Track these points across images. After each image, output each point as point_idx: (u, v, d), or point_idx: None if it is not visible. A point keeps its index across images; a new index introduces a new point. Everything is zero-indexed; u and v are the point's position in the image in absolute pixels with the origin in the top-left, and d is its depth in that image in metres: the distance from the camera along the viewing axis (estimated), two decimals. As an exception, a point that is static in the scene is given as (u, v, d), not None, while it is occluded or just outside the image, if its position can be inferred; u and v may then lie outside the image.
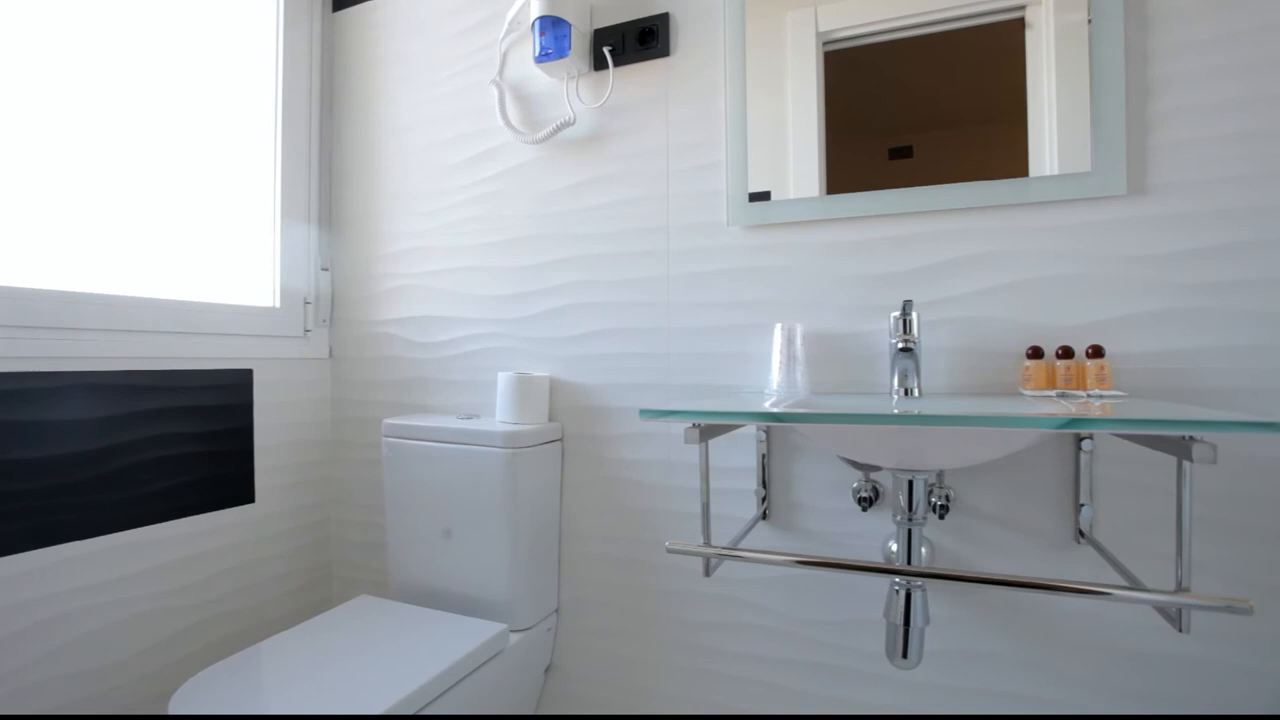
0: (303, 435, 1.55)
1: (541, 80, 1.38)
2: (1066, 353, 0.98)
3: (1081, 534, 1.01)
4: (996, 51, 1.06)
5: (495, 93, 1.40)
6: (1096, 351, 0.96)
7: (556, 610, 1.36)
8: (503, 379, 1.31)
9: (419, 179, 1.52)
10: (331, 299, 1.62)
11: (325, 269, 1.61)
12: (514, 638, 1.23)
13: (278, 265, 1.50)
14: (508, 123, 1.38)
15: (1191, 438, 0.70)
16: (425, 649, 1.09)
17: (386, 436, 1.36)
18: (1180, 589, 0.73)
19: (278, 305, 1.50)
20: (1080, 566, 1.02)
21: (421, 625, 1.18)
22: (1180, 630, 0.74)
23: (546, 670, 1.37)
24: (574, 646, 1.35)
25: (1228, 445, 0.95)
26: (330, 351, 1.62)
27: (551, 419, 1.36)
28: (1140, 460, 0.99)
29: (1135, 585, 0.81)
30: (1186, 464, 0.71)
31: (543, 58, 1.28)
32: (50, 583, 1.11)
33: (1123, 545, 1.00)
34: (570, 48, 1.27)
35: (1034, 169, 1.04)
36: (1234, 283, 0.95)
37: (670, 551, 0.88)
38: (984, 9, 1.06)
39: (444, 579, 1.30)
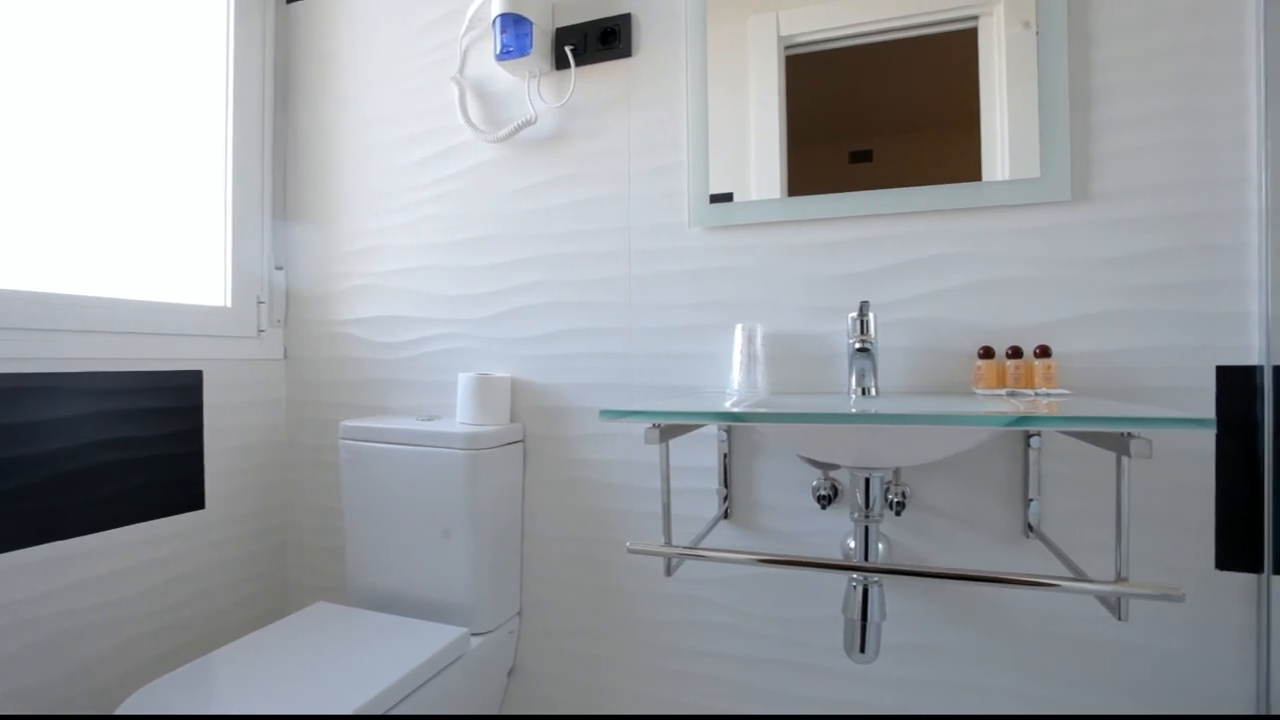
0: (256, 438, 1.50)
1: (503, 78, 1.37)
2: (1016, 353, 1.01)
3: (1030, 528, 1.04)
4: (951, 59, 1.08)
5: (456, 90, 1.38)
6: (1044, 351, 0.99)
7: (519, 612, 1.35)
8: (463, 380, 1.30)
9: (378, 176, 1.49)
10: (286, 298, 1.58)
11: (280, 267, 1.56)
12: (475, 641, 1.22)
13: (229, 263, 1.45)
14: (468, 121, 1.37)
15: (1129, 434, 0.72)
16: (384, 655, 1.07)
17: (344, 439, 1.33)
18: (1119, 579, 0.76)
19: (229, 304, 1.45)
20: (1029, 559, 1.05)
21: (380, 631, 1.16)
22: (1120, 619, 0.77)
23: (509, 673, 1.36)
24: (537, 648, 1.35)
25: (1162, 441, 0.99)
26: (285, 352, 1.58)
27: (513, 420, 1.35)
28: (1084, 456, 1.03)
29: (1079, 576, 0.84)
30: (1125, 459, 0.74)
31: (504, 55, 1.27)
32: (-18, 595, 1.05)
33: (1068, 538, 1.04)
34: (532, 46, 1.26)
35: (987, 174, 1.07)
36: (1168, 286, 1.00)
37: (631, 552, 0.88)
38: (938, 18, 1.09)
39: (404, 583, 1.28)
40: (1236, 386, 0.97)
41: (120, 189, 1.29)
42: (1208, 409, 0.98)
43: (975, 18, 1.08)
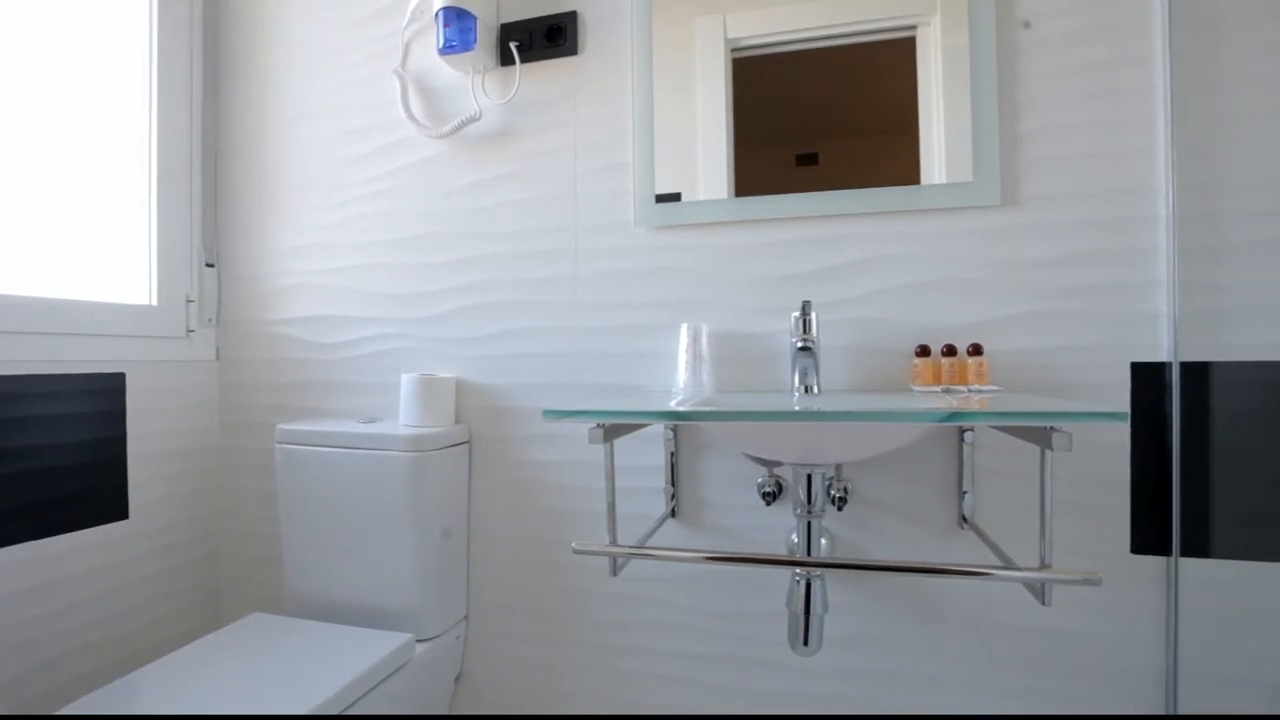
0: (185, 444, 1.43)
1: (446, 73, 1.34)
2: (950, 351, 1.05)
3: (964, 519, 1.08)
4: (893, 67, 1.12)
5: (397, 84, 1.35)
6: (976, 350, 1.03)
7: (466, 616, 1.33)
8: (406, 380, 1.27)
9: (316, 171, 1.44)
10: (219, 296, 1.51)
11: (211, 264, 1.50)
12: (421, 648, 1.19)
13: (154, 259, 1.38)
14: (411, 115, 1.34)
15: (1052, 428, 0.76)
16: (324, 665, 1.04)
17: (280, 443, 1.28)
18: (1043, 566, 0.80)
19: (154, 303, 1.38)
20: (963, 550, 1.10)
21: (320, 640, 1.13)
22: (1043, 603, 0.81)
23: (456, 679, 1.33)
24: (485, 653, 1.33)
25: (1083, 434, 1.05)
26: (217, 353, 1.51)
27: (458, 421, 1.33)
28: (1014, 449, 1.08)
29: (1008, 565, 0.88)
30: (1048, 451, 0.78)
31: (447, 50, 1.25)
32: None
33: (999, 528, 1.08)
34: (475, 41, 1.24)
35: (925, 178, 1.10)
36: (1087, 287, 1.05)
37: (577, 552, 0.88)
38: (879, 26, 1.12)
39: (345, 590, 1.24)
40: (1149, 382, 1.03)
41: (32, 179, 1.21)
42: (1124, 403, 1.04)
43: (914, 27, 1.11)
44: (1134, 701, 1.03)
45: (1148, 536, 1.03)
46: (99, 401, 1.26)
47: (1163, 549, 1.03)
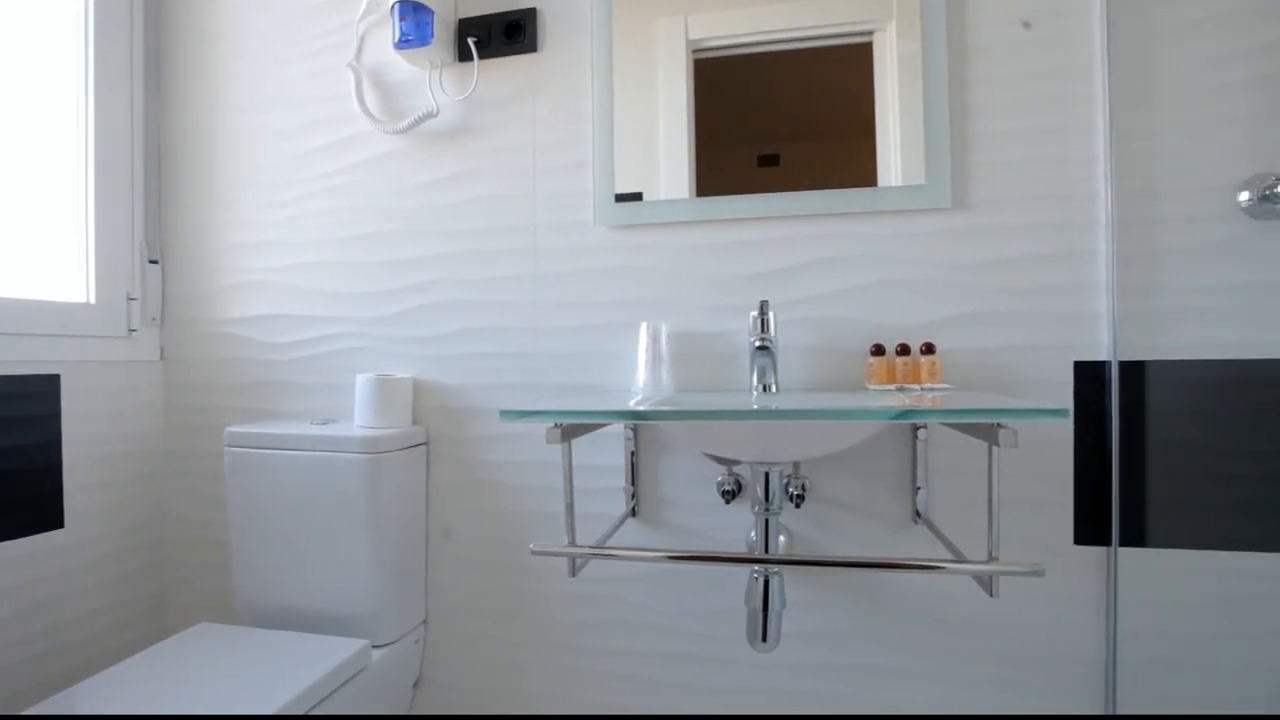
0: (127, 448, 1.37)
1: (403, 68, 1.31)
2: (904, 350, 1.08)
3: (918, 514, 1.11)
4: (851, 71, 1.13)
5: (352, 77, 1.32)
6: (929, 349, 1.06)
7: (424, 621, 1.31)
8: (361, 381, 1.24)
9: (267, 165, 1.40)
10: (163, 295, 1.45)
11: (155, 261, 1.44)
12: (377, 654, 1.16)
13: (91, 256, 1.32)
14: (365, 110, 1.31)
15: (999, 425, 0.78)
16: (274, 674, 1.01)
17: (230, 446, 1.24)
18: (991, 558, 0.82)
19: (92, 301, 1.32)
20: (917, 544, 1.12)
21: (272, 649, 1.09)
22: (991, 595, 0.83)
23: (415, 684, 1.31)
24: (444, 657, 1.31)
25: (1029, 430, 1.08)
26: (162, 353, 1.45)
27: (415, 422, 1.30)
28: (965, 446, 1.11)
29: (959, 558, 0.90)
30: (994, 447, 0.80)
31: (403, 44, 1.22)
32: None
33: (951, 522, 1.11)
34: (433, 36, 1.21)
35: (882, 180, 1.13)
36: (1033, 288, 1.09)
37: (535, 554, 0.87)
38: (837, 31, 1.14)
39: (299, 597, 1.21)
40: (1090, 380, 1.07)
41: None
42: (1067, 400, 1.08)
43: (870, 33, 1.13)
44: (1076, 686, 1.07)
45: (1089, 528, 1.07)
46: (30, 405, 1.20)
47: (1103, 540, 1.07)
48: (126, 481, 1.37)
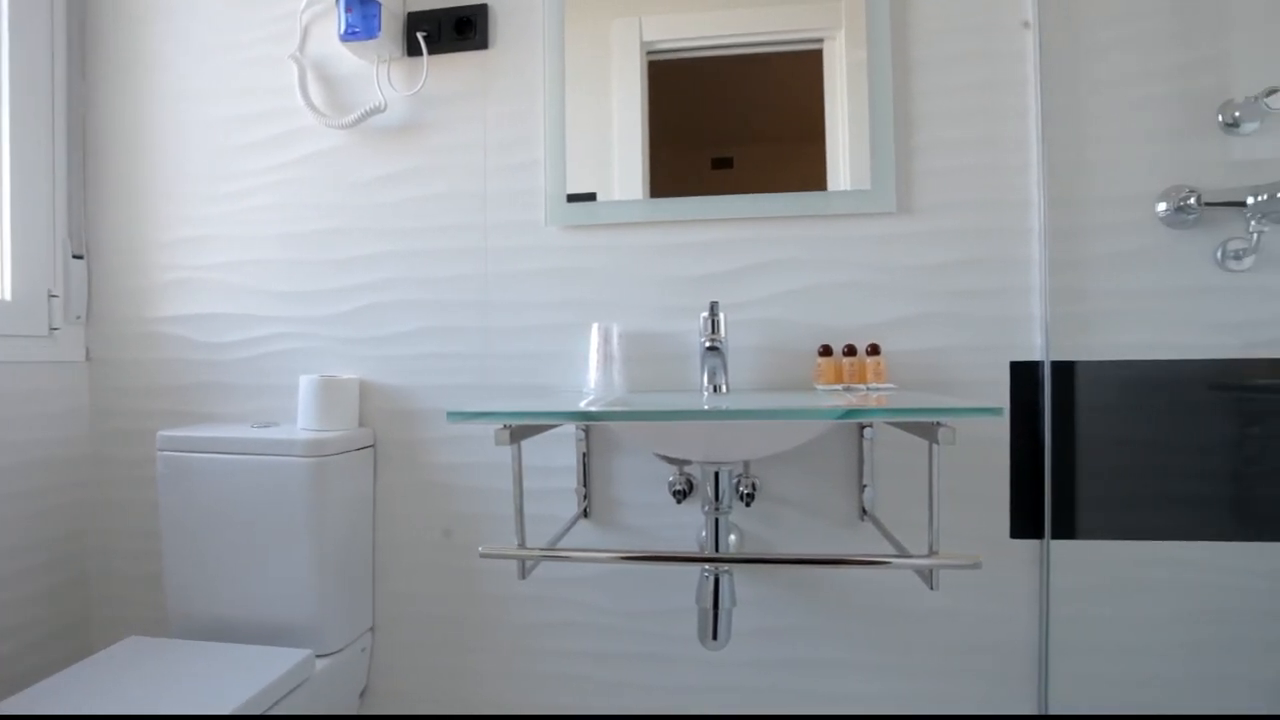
0: (46, 454, 1.29)
1: (349, 61, 1.28)
2: (851, 351, 1.10)
3: (865, 511, 1.14)
4: (803, 77, 1.16)
5: (295, 69, 1.27)
6: (874, 349, 1.09)
7: (372, 628, 1.28)
8: (305, 382, 1.20)
9: (204, 157, 1.34)
10: (88, 291, 1.37)
11: (79, 256, 1.36)
12: (322, 663, 1.13)
13: (6, 249, 1.24)
14: (309, 103, 1.27)
15: (938, 423, 0.81)
16: (211, 689, 0.96)
17: (163, 450, 1.18)
18: (932, 553, 0.85)
19: (7, 298, 1.24)
20: (864, 540, 1.15)
21: (207, 662, 1.05)
22: (932, 588, 0.86)
23: (362, 694, 1.27)
24: (392, 665, 1.27)
25: (969, 428, 1.12)
26: (87, 353, 1.38)
27: (362, 424, 1.27)
28: (909, 444, 1.14)
29: (902, 553, 0.93)
30: (934, 445, 0.82)
31: (349, 36, 1.19)
32: None
33: (896, 519, 1.14)
34: (380, 28, 1.19)
35: (831, 184, 1.15)
36: (973, 291, 1.13)
37: (484, 556, 0.86)
38: (789, 37, 1.16)
39: (237, 607, 1.16)
40: (1025, 379, 1.12)
41: None
42: (1004, 399, 1.12)
43: (821, 40, 1.16)
44: (1011, 671, 1.12)
45: (1024, 522, 1.12)
46: (-61, 408, 1.12)
47: (1037, 533, 1.12)
48: (47, 490, 1.30)
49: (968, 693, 1.13)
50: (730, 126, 1.18)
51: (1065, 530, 1.11)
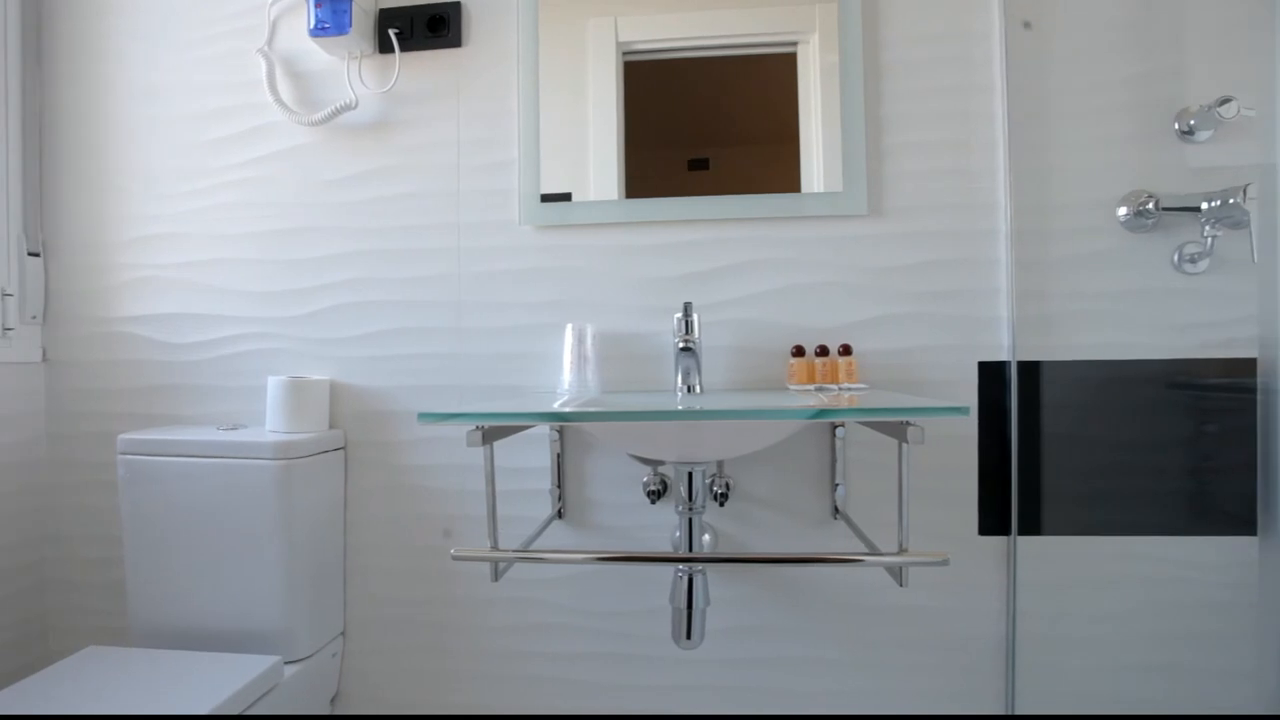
0: (2, 458, 1.25)
1: (319, 57, 1.26)
2: (823, 351, 1.11)
3: (837, 510, 1.15)
4: (778, 80, 1.17)
5: (263, 64, 1.25)
6: (846, 350, 1.10)
7: (343, 633, 1.26)
8: (273, 383, 1.18)
9: (168, 154, 1.31)
10: (45, 290, 1.33)
11: (35, 254, 1.32)
12: (290, 670, 1.11)
13: (-41, 248, 1.20)
14: (278, 99, 1.24)
15: (907, 423, 0.82)
16: (173, 700, 0.94)
17: (124, 454, 1.15)
18: (901, 550, 0.86)
19: (-40, 297, 1.20)
20: (836, 539, 1.16)
21: (171, 670, 1.02)
22: (901, 585, 0.87)
23: (333, 700, 1.25)
24: (364, 669, 1.26)
25: (938, 427, 1.14)
26: (44, 354, 1.33)
27: (333, 426, 1.25)
28: (880, 443, 1.16)
29: (873, 551, 0.94)
30: (904, 444, 0.84)
31: (319, 31, 1.17)
32: None
33: (868, 517, 1.16)
34: (351, 24, 1.17)
35: (805, 186, 1.16)
36: (942, 292, 1.15)
37: (456, 559, 0.85)
38: (765, 40, 1.17)
39: (203, 615, 1.14)
40: (993, 379, 1.14)
41: None
42: (973, 399, 1.14)
43: (795, 44, 1.17)
44: (980, 665, 1.14)
45: (992, 519, 1.14)
46: (-115, 412, 1.07)
47: (1004, 530, 1.14)
48: (2, 495, 1.25)
49: (938, 687, 1.15)
50: (707, 128, 1.18)
51: (1031, 527, 1.13)
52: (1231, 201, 0.98)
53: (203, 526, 1.13)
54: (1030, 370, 1.13)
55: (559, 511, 1.19)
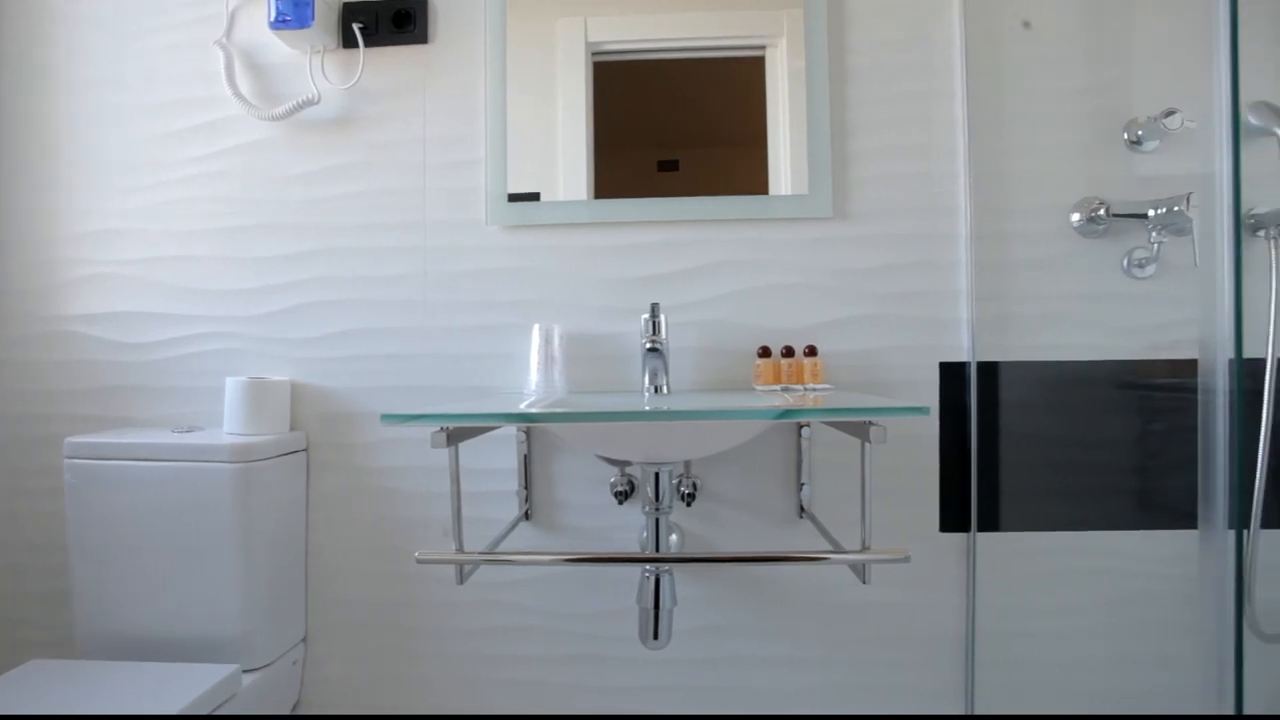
0: (-60, 463, 1.20)
1: (280, 50, 1.23)
2: (789, 352, 1.13)
3: (803, 509, 1.17)
4: (747, 83, 1.18)
5: (221, 55, 1.22)
6: (811, 351, 1.12)
7: (304, 639, 1.23)
8: (231, 384, 1.15)
9: (120, 147, 1.26)
10: (-12, 288, 1.28)
11: (-23, 250, 1.26)
12: (249, 679, 1.08)
13: (-107, 242, 1.14)
14: (237, 92, 1.21)
15: (870, 423, 0.84)
16: (126, 710, 0.91)
17: (71, 458, 1.11)
18: (864, 548, 0.88)
19: (-106, 295, 1.14)
20: (802, 538, 1.18)
21: (122, 683, 0.98)
22: (864, 582, 0.89)
23: (294, 708, 1.22)
24: (326, 676, 1.23)
25: (900, 427, 1.16)
26: (-14, 355, 1.28)
27: (294, 428, 1.22)
28: (845, 443, 1.17)
29: (837, 549, 0.96)
30: (867, 444, 0.85)
31: (279, 24, 1.15)
32: None
33: (833, 516, 1.18)
34: (313, 18, 1.14)
35: (773, 189, 1.17)
36: (905, 294, 1.17)
37: (420, 562, 0.84)
38: (733, 43, 1.18)
39: (156, 623, 1.10)
40: (953, 379, 1.17)
41: None
42: (935, 399, 1.17)
43: (763, 47, 1.18)
44: (940, 659, 1.17)
45: (952, 516, 1.17)
46: None
47: (964, 526, 1.17)
48: (-61, 502, 1.20)
49: (900, 681, 1.17)
50: (677, 129, 1.19)
51: (990, 523, 1.16)
52: (1175, 209, 1.02)
53: (155, 532, 1.09)
54: (989, 370, 1.16)
55: (526, 513, 1.18)
